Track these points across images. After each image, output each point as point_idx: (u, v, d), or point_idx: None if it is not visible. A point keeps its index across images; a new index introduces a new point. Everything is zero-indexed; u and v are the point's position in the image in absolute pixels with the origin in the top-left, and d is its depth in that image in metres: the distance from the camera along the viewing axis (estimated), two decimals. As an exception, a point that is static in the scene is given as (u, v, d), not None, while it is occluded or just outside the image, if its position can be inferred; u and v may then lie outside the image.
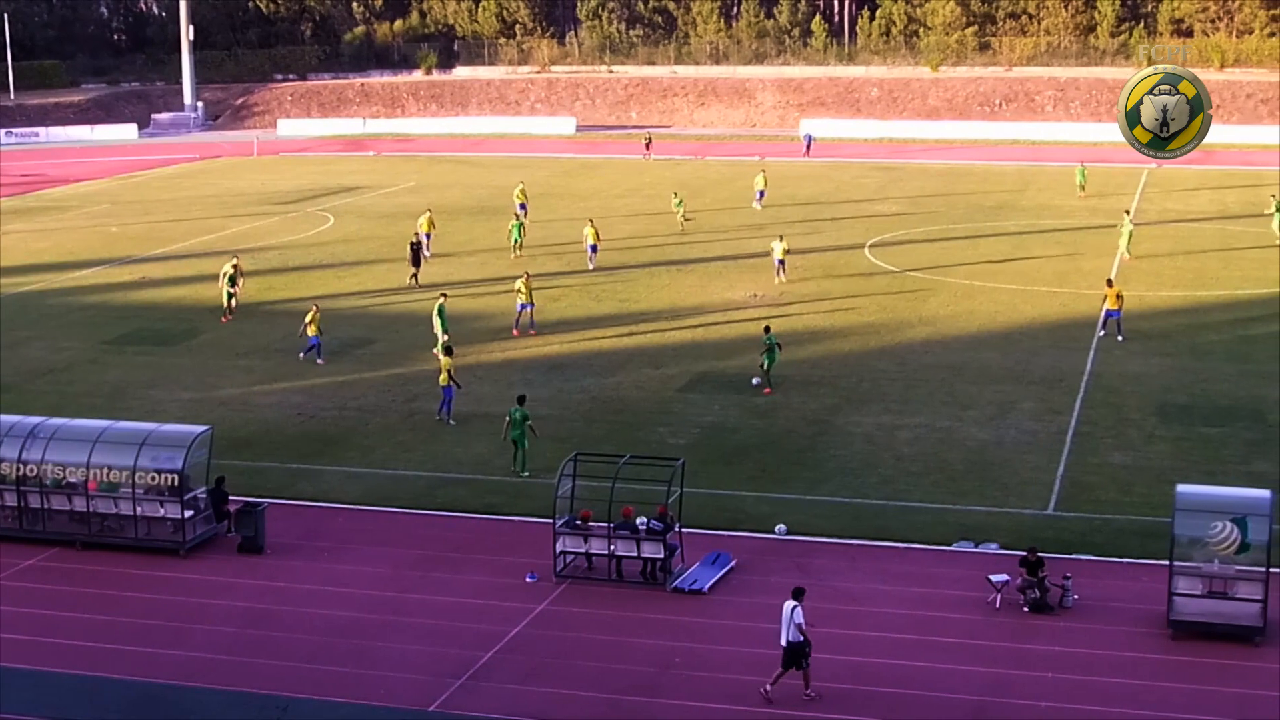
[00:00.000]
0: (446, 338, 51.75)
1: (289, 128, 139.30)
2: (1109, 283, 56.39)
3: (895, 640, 30.28)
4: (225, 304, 59.06)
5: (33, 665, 30.12)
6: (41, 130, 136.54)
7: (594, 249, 67.49)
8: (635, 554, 33.48)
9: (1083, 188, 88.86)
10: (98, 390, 49.86)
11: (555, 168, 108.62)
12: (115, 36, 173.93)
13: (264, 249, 74.16)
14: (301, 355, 53.06)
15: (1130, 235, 68.22)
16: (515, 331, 55.54)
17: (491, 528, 37.38)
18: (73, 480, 36.49)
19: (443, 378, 46.01)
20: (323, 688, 28.80)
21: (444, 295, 54.92)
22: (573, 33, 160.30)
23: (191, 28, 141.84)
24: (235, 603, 33.11)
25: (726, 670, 29.29)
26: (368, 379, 50.74)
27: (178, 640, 31.19)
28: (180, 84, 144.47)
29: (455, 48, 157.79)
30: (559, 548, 33.90)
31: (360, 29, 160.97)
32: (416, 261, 64.42)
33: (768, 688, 28.20)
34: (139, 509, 35.99)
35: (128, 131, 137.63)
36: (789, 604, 28.39)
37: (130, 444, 36.43)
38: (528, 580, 33.61)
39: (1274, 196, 75.49)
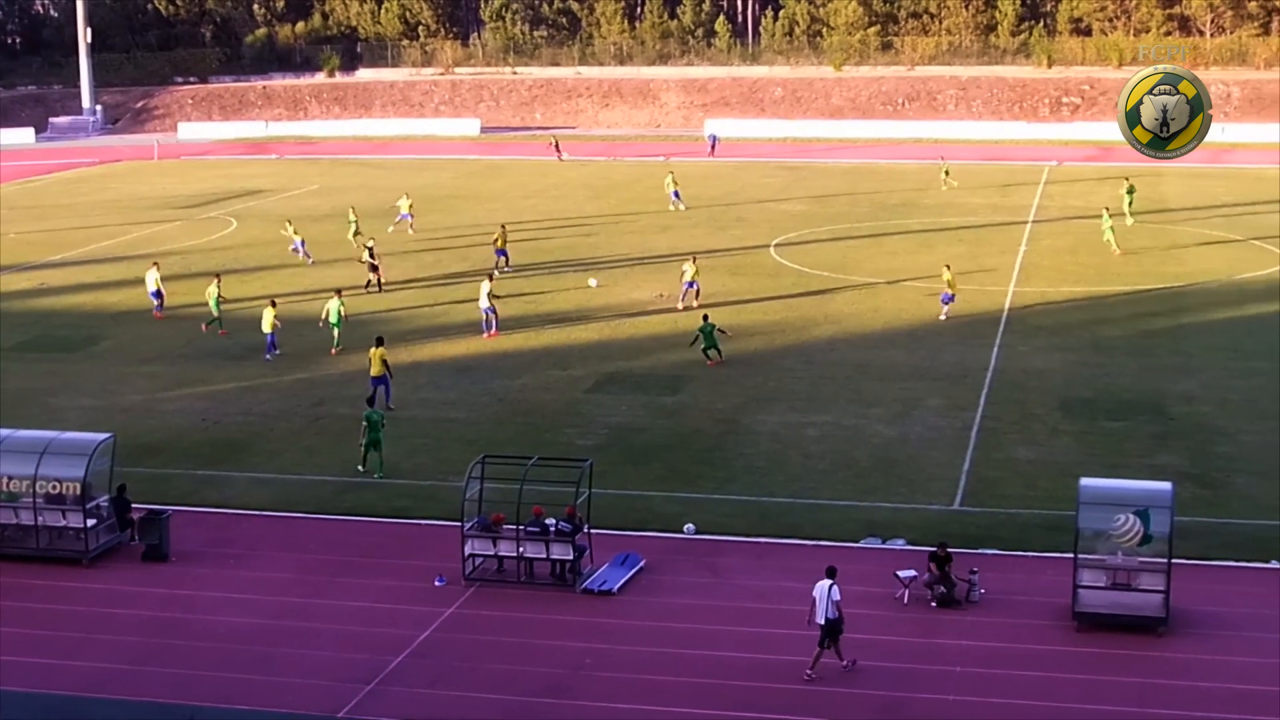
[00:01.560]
0: (338, 335, 53.38)
1: (190, 131, 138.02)
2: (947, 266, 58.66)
3: (804, 637, 30.35)
4: (217, 315, 57.52)
5: (-67, 678, 29.72)
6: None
7: (503, 253, 67.27)
8: (544, 555, 33.44)
9: (947, 175, 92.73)
10: (-3, 398, 49.25)
11: (460, 169, 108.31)
12: (10, 39, 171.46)
13: (166, 254, 73.35)
14: (268, 356, 53.28)
15: (1112, 228, 69.27)
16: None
17: (399, 531, 37.23)
18: (-28, 490, 36.02)
19: (375, 368, 46.14)
20: (229, 696, 28.54)
21: (338, 293, 55.55)
22: (476, 34, 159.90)
23: (89, 30, 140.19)
24: (140, 612, 32.78)
25: (638, 670, 29.32)
26: (272, 384, 50.39)
27: (81, 651, 30.84)
28: (78, 87, 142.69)
29: (358, 49, 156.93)
30: (468, 550, 33.80)
31: (262, 31, 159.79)
32: (374, 266, 63.97)
33: (810, 672, 28.59)
34: (40, 518, 35.54)
35: (24, 136, 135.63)
36: (824, 583, 28.86)
37: (31, 453, 35.95)
38: (436, 584, 33.50)
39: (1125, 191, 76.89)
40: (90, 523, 35.49)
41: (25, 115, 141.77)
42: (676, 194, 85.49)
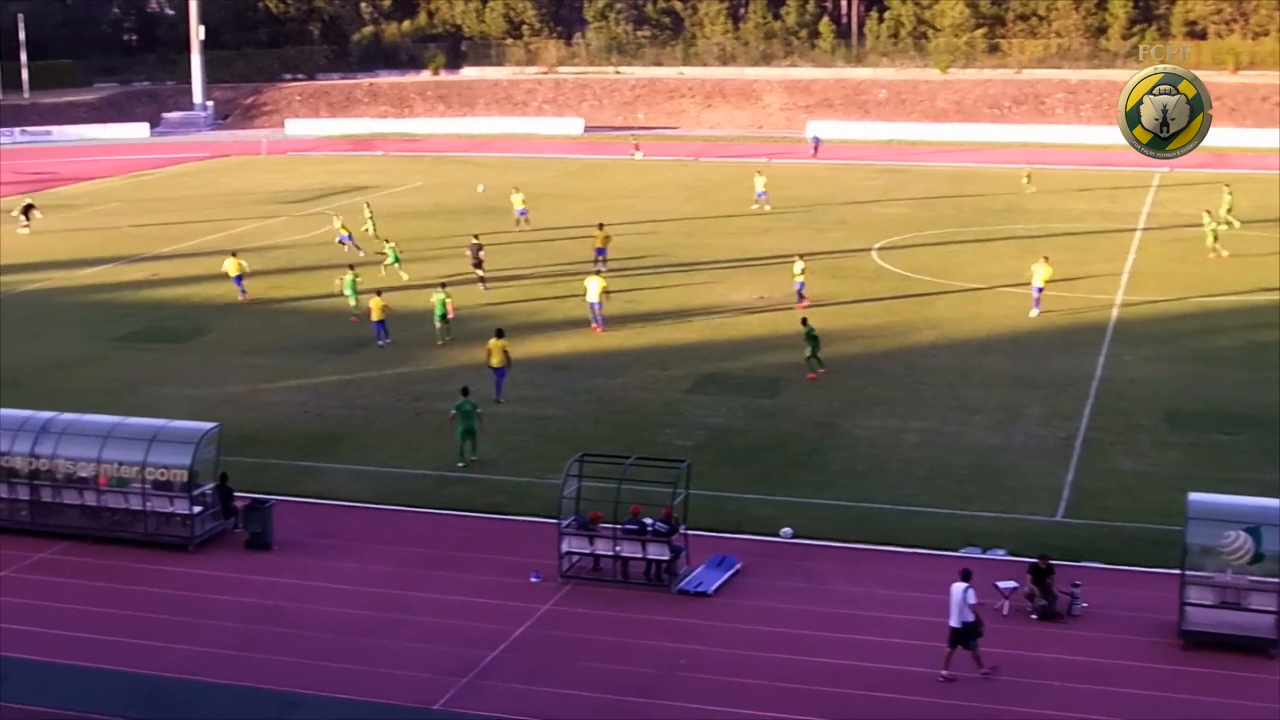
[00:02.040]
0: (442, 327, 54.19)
1: (297, 127, 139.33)
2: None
3: (899, 646, 30.30)
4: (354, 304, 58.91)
5: (42, 657, 30.29)
6: (54, 129, 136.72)
7: (602, 252, 67.39)
8: (640, 555, 33.55)
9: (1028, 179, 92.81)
10: (107, 386, 50.00)
11: (562, 168, 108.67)
12: (127, 37, 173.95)
13: (271, 248, 74.24)
14: (381, 343, 54.41)
15: (1214, 232, 68.77)
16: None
17: (496, 527, 37.49)
18: (83, 475, 36.71)
19: (496, 359, 46.87)
20: (328, 684, 28.91)
21: (442, 285, 56.22)
22: (580, 33, 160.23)
23: (202, 28, 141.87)
24: (242, 598, 33.24)
25: (730, 673, 29.34)
26: (373, 377, 50.85)
27: (184, 635, 31.33)
28: (190, 83, 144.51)
29: (463, 48, 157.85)
30: (564, 548, 33.96)
31: (369, 29, 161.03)
32: (479, 263, 64.37)
33: (945, 673, 28.68)
34: (148, 504, 36.18)
35: (139, 130, 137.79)
36: (960, 585, 28.87)
37: (140, 440, 36.63)
38: (532, 580, 33.70)
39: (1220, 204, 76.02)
40: (196, 509, 36.09)
41: (139, 110, 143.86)
42: (762, 194, 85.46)
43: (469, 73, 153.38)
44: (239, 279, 63.20)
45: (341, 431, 45.25)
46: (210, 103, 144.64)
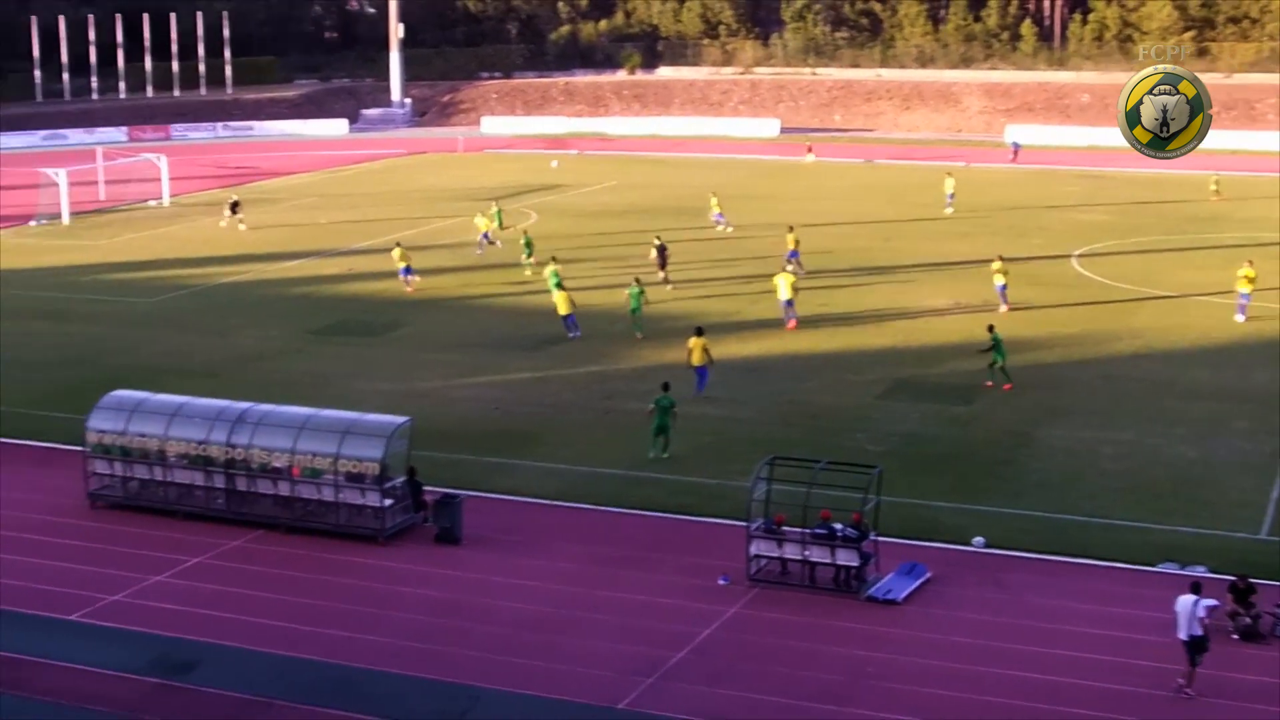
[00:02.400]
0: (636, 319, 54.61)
1: (493, 125, 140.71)
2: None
3: (1091, 661, 29.58)
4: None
5: (233, 643, 30.77)
6: (255, 124, 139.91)
7: (794, 255, 66.97)
8: (829, 561, 33.17)
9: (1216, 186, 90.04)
10: (303, 378, 50.75)
11: (757, 169, 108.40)
12: (327, 34, 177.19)
13: (466, 244, 74.89)
14: (572, 335, 55.33)
15: None
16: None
17: (684, 528, 37.35)
18: (278, 465, 37.21)
19: (697, 357, 47.02)
20: (513, 680, 28.98)
21: (637, 281, 56.66)
22: (777, 34, 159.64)
23: (401, 26, 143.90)
24: (430, 592, 33.47)
25: (919, 683, 28.87)
26: (565, 375, 51.02)
27: (372, 626, 31.61)
28: (389, 81, 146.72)
29: (659, 48, 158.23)
30: (752, 551, 33.71)
31: (565, 28, 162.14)
32: (664, 263, 64.48)
33: (1186, 685, 28.03)
34: (340, 496, 36.58)
35: (338, 126, 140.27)
36: (1189, 598, 28.34)
37: (334, 432, 37.04)
38: (720, 583, 33.50)
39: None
40: (387, 502, 36.40)
41: (339, 107, 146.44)
42: (951, 196, 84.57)
43: (664, 72, 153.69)
44: (407, 270, 64.60)
45: (531, 429, 45.42)
46: (408, 100, 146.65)
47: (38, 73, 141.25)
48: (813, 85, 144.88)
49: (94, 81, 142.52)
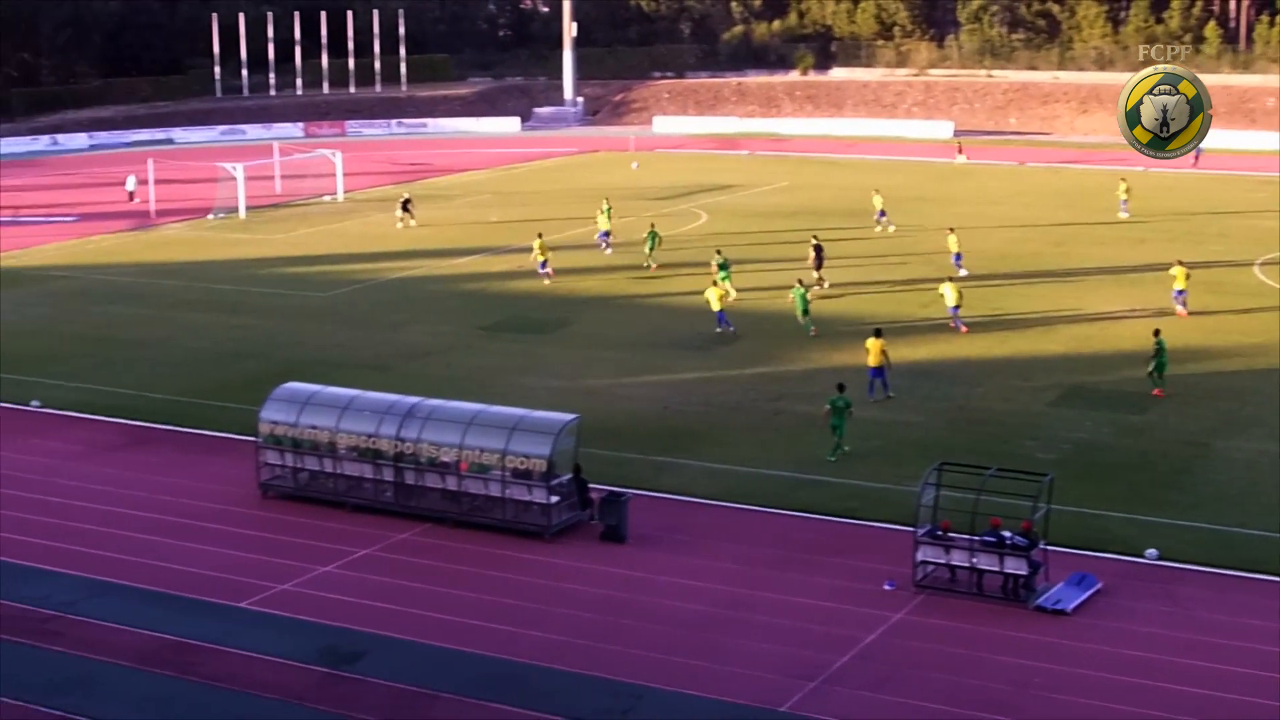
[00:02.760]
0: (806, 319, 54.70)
1: (665, 125, 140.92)
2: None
3: (1266, 679, 28.87)
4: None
5: (399, 635, 31.10)
6: (429, 121, 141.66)
7: (958, 257, 66.29)
8: (998, 569, 32.74)
9: None
10: (472, 374, 51.18)
11: (929, 172, 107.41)
12: (501, 32, 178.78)
13: (635, 243, 75.03)
14: (722, 329, 55.55)
15: None
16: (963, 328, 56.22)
17: (850, 531, 37.11)
18: (446, 460, 37.55)
19: (874, 359, 47.02)
20: (676, 679, 28.98)
21: (800, 282, 56.92)
22: (952, 35, 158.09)
23: (574, 25, 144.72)
24: (595, 589, 33.56)
25: (1086, 694, 28.39)
26: (733, 376, 50.92)
27: (537, 621, 31.77)
28: (561, 79, 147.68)
29: (832, 48, 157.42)
30: (919, 557, 33.39)
31: (738, 28, 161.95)
32: (820, 263, 64.24)
33: None
34: (507, 491, 36.80)
35: (510, 124, 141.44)
36: None
37: (502, 428, 37.29)
38: (885, 587, 33.23)
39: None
40: (554, 499, 36.56)
41: (511, 105, 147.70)
42: (1125, 201, 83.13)
43: (838, 73, 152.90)
44: (543, 265, 66.26)
45: (699, 428, 45.39)
46: (580, 99, 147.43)
47: (217, 69, 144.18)
48: (988, 87, 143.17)
49: (272, 78, 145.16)
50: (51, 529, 37.39)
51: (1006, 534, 32.67)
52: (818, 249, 64.73)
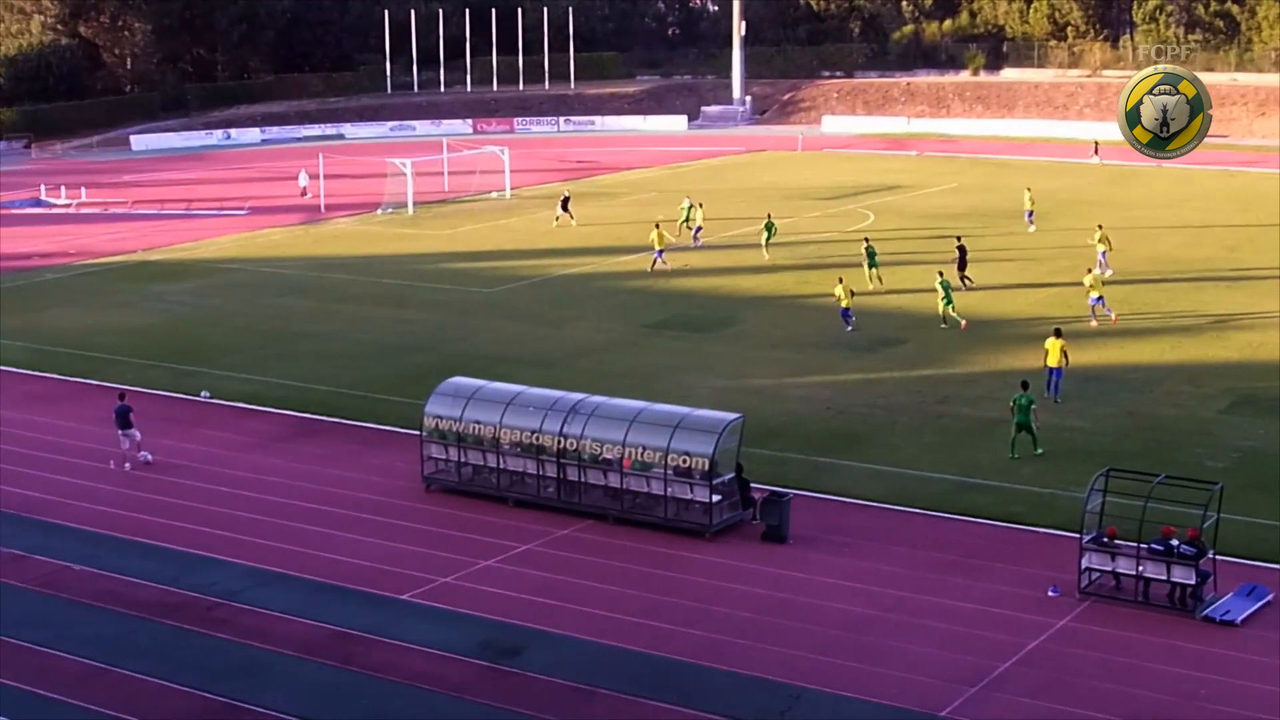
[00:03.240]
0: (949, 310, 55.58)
1: (833, 124, 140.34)
2: None
3: None
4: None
5: (560, 630, 31.31)
6: (597, 119, 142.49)
7: (1104, 256, 65.57)
8: (1164, 577, 32.20)
9: None
10: (635, 371, 51.37)
11: (1098, 175, 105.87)
12: (670, 31, 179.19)
13: (802, 243, 74.89)
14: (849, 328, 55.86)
15: None
16: None
17: (1013, 537, 36.70)
18: (609, 457, 37.68)
19: (1054, 358, 46.95)
20: (833, 681, 28.88)
21: (941, 273, 57.60)
22: (1126, 36, 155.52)
23: (744, 23, 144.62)
24: (754, 588, 33.52)
25: (1255, 709, 27.78)
26: (897, 378, 50.59)
27: (696, 620, 31.80)
28: (729, 78, 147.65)
29: (1003, 49, 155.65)
30: (1084, 563, 32.94)
31: (909, 28, 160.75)
32: (963, 264, 63.80)
33: None
34: (669, 489, 36.85)
35: (677, 123, 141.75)
36: None
37: (665, 426, 37.36)
38: (1049, 594, 32.83)
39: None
40: (716, 498, 36.55)
41: (679, 103, 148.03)
42: None
43: (1009, 74, 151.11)
44: (660, 252, 68.13)
45: (861, 430, 45.17)
46: (748, 98, 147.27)
47: (388, 65, 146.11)
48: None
49: (441, 75, 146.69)
50: (219, 518, 38.17)
51: (1175, 542, 32.12)
52: (961, 250, 64.37)
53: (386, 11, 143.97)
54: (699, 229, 75.46)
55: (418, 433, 40.88)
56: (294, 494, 40.01)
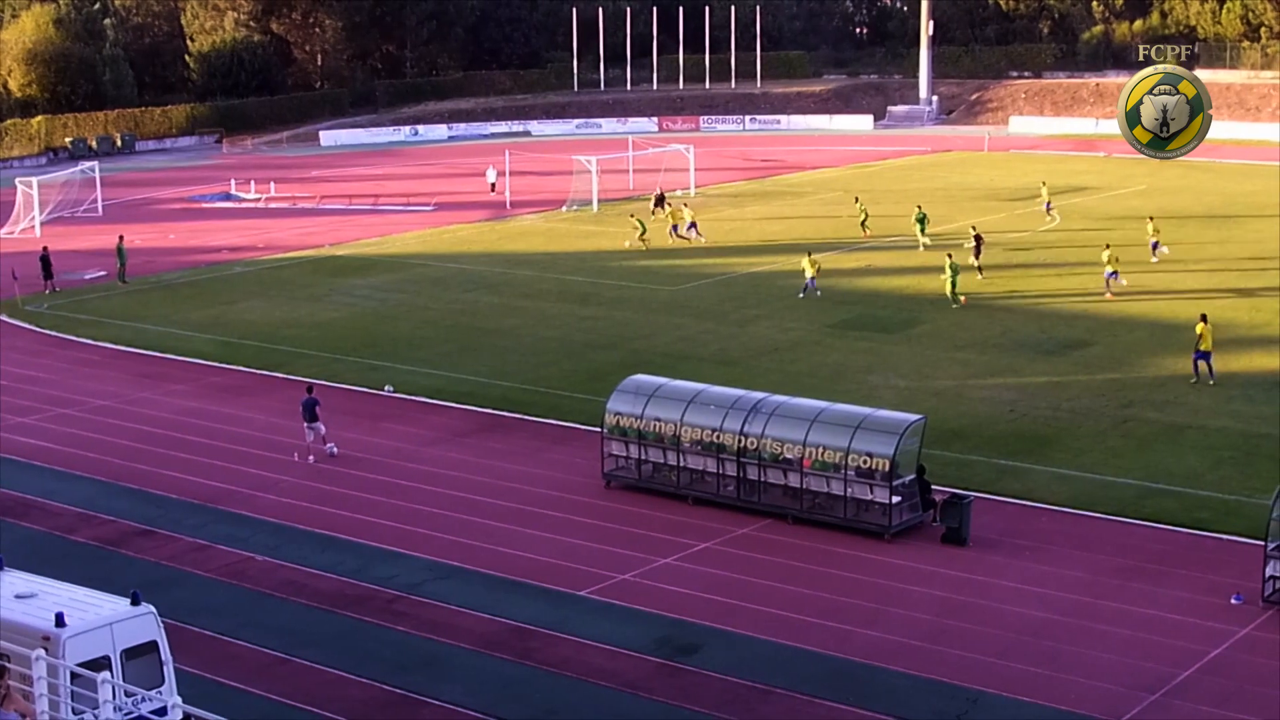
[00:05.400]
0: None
1: (1020, 125, 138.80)
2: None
3: None
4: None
5: (735, 629, 31.50)
6: (782, 118, 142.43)
7: (1155, 245, 65.03)
8: (1353, 587, 31.62)
9: None
10: (818, 371, 51.37)
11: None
12: (857, 30, 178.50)
13: (988, 245, 74.14)
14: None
15: None
16: None
17: (1198, 543, 36.21)
18: (789, 456, 37.76)
19: (1206, 342, 47.82)
20: (1011, 685, 28.77)
21: (950, 255, 58.62)
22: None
23: (932, 23, 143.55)
24: (933, 591, 33.45)
25: None
26: (1083, 381, 50.02)
27: (875, 621, 31.83)
28: (917, 78, 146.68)
29: (1195, 49, 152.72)
30: (1269, 571, 32.40)
31: (1098, 28, 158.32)
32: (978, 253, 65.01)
33: None
34: (849, 490, 36.87)
35: (863, 122, 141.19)
36: None
37: (846, 426, 37.36)
38: (1233, 601, 32.37)
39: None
40: (895, 500, 36.49)
41: (866, 103, 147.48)
42: None
43: (1200, 75, 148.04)
44: (690, 225, 71.93)
45: (1045, 433, 44.75)
46: (935, 97, 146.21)
47: (575, 63, 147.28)
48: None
49: (628, 72, 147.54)
50: (400, 512, 38.88)
51: (1364, 553, 31.52)
52: (977, 239, 66.23)
53: (575, 9, 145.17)
54: (682, 226, 76.61)
55: (599, 430, 41.26)
56: (475, 489, 40.61)
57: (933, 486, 37.63)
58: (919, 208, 74.50)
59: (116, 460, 43.16)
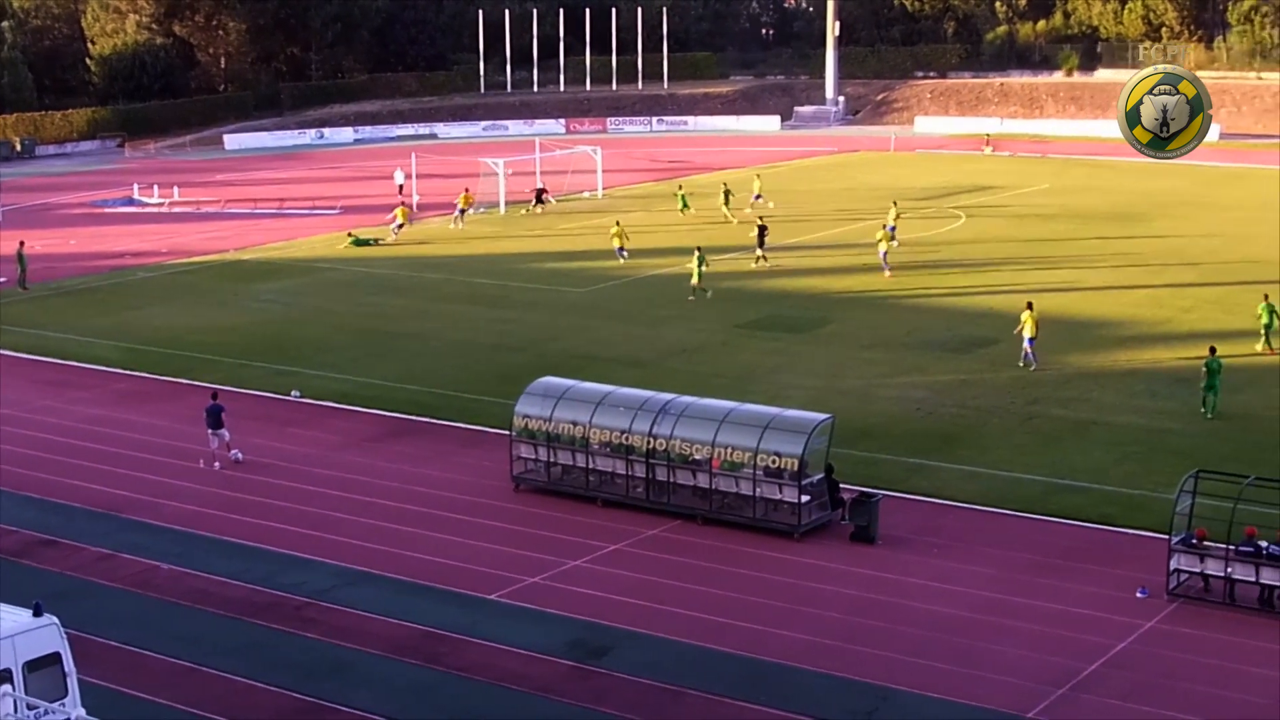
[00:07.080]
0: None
1: (926, 125, 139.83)
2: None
3: None
4: None
5: (648, 630, 31.48)
6: (690, 119, 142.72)
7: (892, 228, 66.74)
8: (1254, 579, 32.00)
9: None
10: (727, 371, 51.45)
11: (1197, 176, 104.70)
12: (764, 31, 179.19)
13: (907, 245, 74.59)
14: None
15: None
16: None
17: (1104, 538, 36.57)
18: (698, 457, 37.81)
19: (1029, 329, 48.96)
20: (922, 681, 28.94)
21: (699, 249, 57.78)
22: (1220, 37, 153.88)
23: (838, 24, 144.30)
24: (844, 590, 33.59)
25: (1348, 712, 27.64)
26: (989, 379, 50.39)
27: (786, 621, 31.91)
28: (823, 79, 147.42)
29: (1098, 49, 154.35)
30: (1173, 565, 32.79)
31: (1002, 28, 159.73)
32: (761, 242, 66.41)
33: None
34: (758, 490, 36.95)
35: (770, 123, 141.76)
36: None
37: (754, 426, 37.45)
38: (1138, 595, 32.71)
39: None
40: (805, 498, 36.60)
41: (773, 103, 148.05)
42: None
43: (1103, 75, 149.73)
44: (621, 250, 71.02)
45: (953, 431, 45.06)
46: (841, 98, 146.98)
47: (481, 65, 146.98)
48: (1257, 90, 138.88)
49: (535, 74, 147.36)
50: (308, 518, 38.58)
51: (1263, 544, 31.91)
52: (761, 229, 70.09)
53: (481, 11, 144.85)
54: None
55: (508, 433, 41.15)
56: (383, 494, 40.37)
57: (841, 485, 37.76)
58: (680, 186, 77.55)
59: (18, 469, 42.53)
